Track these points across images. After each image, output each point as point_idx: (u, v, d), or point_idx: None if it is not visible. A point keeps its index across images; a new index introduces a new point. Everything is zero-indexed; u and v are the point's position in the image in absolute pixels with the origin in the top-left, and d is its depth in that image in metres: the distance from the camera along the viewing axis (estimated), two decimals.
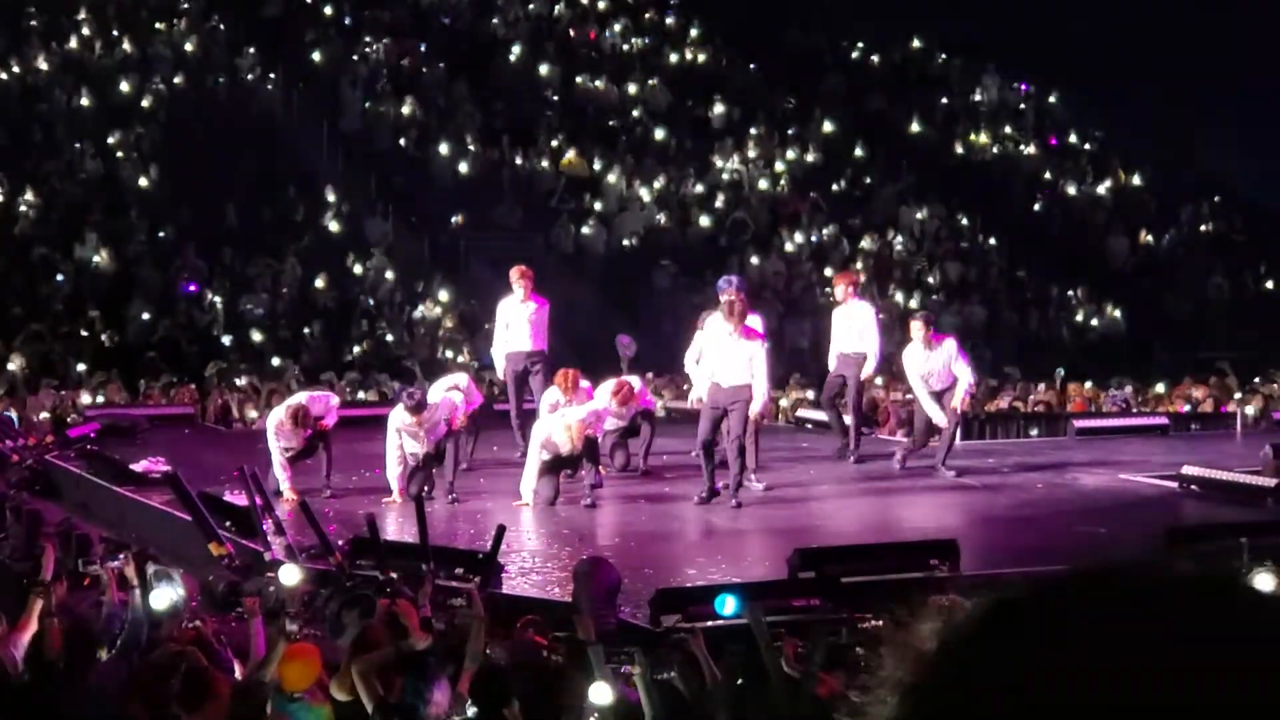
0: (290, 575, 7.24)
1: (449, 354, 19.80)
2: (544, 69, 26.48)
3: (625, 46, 27.74)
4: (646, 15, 28.83)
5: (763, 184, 25.39)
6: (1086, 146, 29.22)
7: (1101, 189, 27.87)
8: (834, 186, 26.00)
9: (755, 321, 11.56)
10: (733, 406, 10.87)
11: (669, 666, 5.94)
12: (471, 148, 24.23)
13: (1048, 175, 28.07)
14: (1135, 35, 27.60)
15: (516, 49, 26.66)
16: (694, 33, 29.00)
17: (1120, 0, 27.92)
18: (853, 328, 12.64)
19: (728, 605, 5.80)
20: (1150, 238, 26.70)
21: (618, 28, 28.34)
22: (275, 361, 18.45)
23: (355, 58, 25.47)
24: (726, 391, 10.91)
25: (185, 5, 25.51)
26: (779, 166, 26.02)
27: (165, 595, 6.80)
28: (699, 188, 24.82)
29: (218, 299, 19.92)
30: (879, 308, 13.52)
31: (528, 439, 12.77)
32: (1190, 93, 26.81)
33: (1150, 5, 27.44)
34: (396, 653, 5.82)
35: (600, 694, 5.67)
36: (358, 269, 21.58)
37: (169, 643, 6.14)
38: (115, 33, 24.42)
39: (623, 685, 5.86)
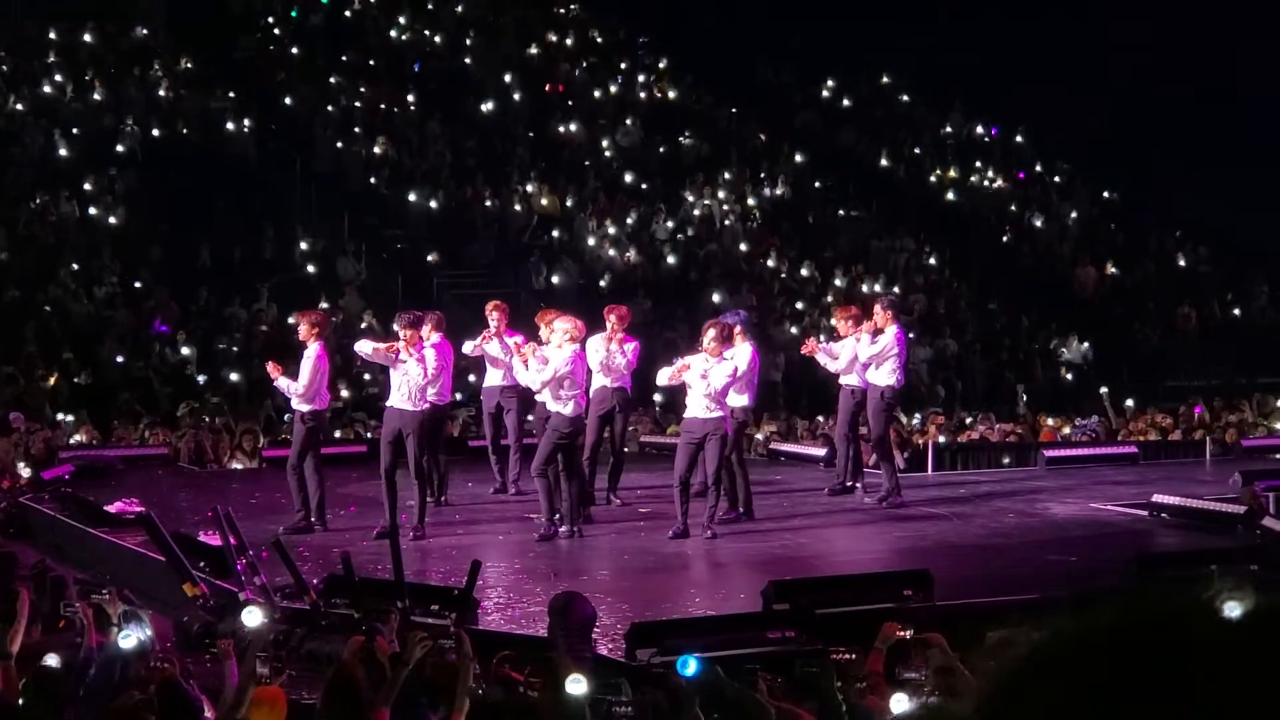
0: (253, 617, 7.19)
1: None
2: (516, 109, 26.63)
3: (597, 93, 27.82)
4: (623, 65, 28.90)
5: (733, 220, 25.54)
6: (1055, 179, 29.50)
7: (1069, 221, 28.15)
8: (806, 221, 26.19)
9: (744, 350, 11.55)
10: (708, 440, 10.83)
11: (624, 699, 6.00)
12: (443, 186, 24.31)
13: (1014, 208, 28.32)
14: (1097, 66, 27.93)
15: (488, 88, 26.79)
16: (662, 65, 29.19)
17: (1083, 33, 28.24)
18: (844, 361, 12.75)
19: (689, 666, 5.97)
20: (1115, 269, 26.94)
21: (586, 66, 28.50)
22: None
23: (327, 99, 25.55)
24: (700, 421, 10.89)
25: (157, 48, 25.54)
26: (750, 202, 26.19)
27: (133, 636, 6.80)
28: (670, 224, 24.95)
29: (190, 341, 19.88)
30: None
31: (504, 474, 12.85)
32: (1155, 122, 27.14)
33: (1116, 37, 27.78)
34: (379, 692, 5.80)
35: (576, 685, 5.74)
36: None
37: (133, 688, 6.10)
38: (88, 76, 24.44)
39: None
